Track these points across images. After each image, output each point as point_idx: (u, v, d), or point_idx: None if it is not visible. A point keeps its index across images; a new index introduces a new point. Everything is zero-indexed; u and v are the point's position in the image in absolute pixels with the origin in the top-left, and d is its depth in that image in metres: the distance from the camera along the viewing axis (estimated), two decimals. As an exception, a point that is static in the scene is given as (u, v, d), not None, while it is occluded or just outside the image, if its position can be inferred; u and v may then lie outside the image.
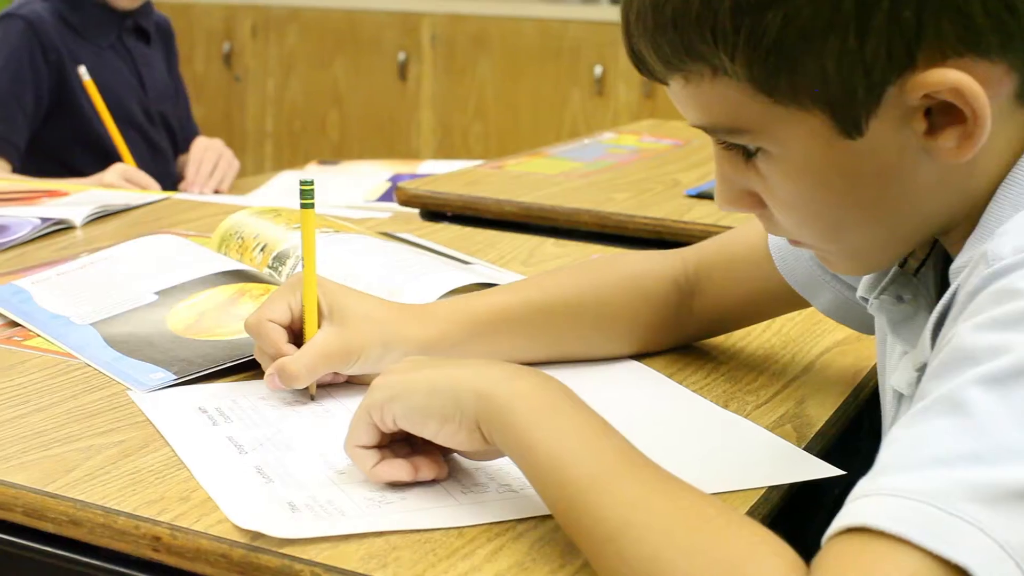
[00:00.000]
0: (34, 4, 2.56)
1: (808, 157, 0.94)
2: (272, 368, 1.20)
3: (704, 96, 0.95)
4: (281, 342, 1.21)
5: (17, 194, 2.04)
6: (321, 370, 1.20)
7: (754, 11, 0.88)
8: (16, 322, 1.41)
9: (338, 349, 1.20)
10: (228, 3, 5.64)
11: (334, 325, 1.21)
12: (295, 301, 1.22)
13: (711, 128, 0.98)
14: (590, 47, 5.05)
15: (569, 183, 2.23)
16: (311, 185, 1.22)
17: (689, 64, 0.94)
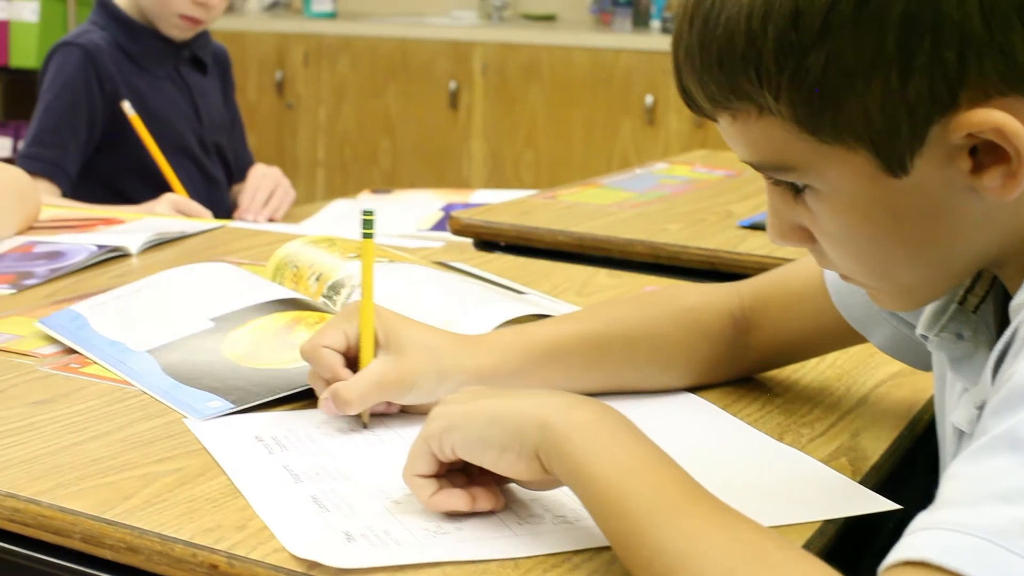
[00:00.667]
0: (92, 33, 2.59)
1: (854, 195, 0.94)
2: (327, 392, 1.20)
3: (752, 134, 0.96)
4: (337, 367, 1.21)
5: (73, 221, 2.05)
6: (375, 397, 1.21)
7: (797, 52, 0.89)
8: (73, 349, 1.42)
9: (393, 377, 1.21)
10: (281, 32, 5.68)
11: (390, 353, 1.22)
12: (351, 329, 1.23)
13: (759, 165, 0.98)
14: (641, 76, 5.05)
15: (622, 213, 2.23)
16: (372, 215, 1.22)
17: (735, 103, 0.94)
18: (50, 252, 1.84)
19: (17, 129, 5.71)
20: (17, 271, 1.75)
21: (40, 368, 1.37)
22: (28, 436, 1.19)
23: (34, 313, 1.55)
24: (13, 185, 1.98)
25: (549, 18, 5.88)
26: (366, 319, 1.22)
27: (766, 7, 0.89)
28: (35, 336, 1.48)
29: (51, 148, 2.49)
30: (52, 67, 2.55)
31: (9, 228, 1.93)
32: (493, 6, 5.88)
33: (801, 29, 0.88)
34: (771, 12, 0.89)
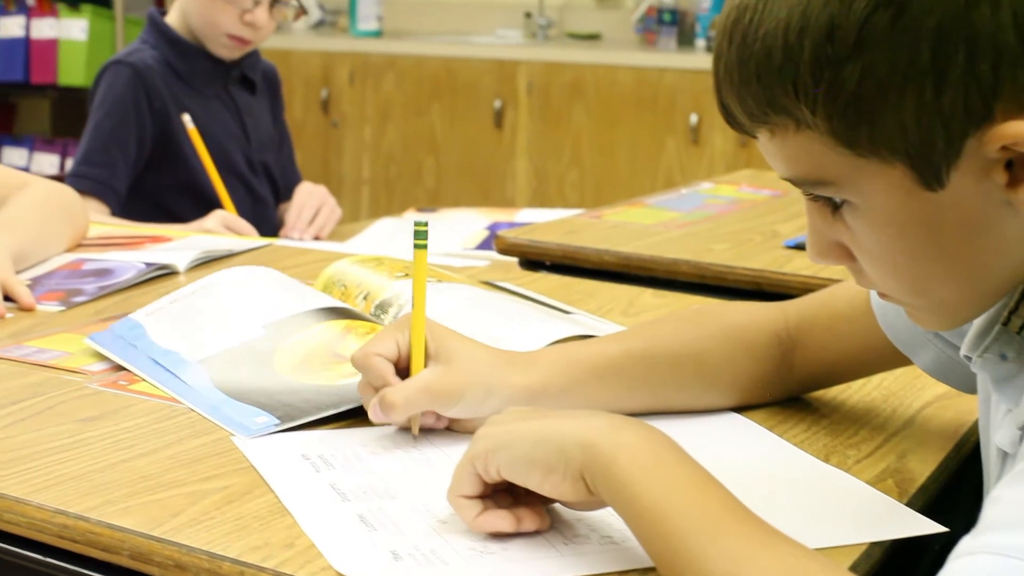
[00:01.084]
0: (142, 52, 2.60)
1: (890, 209, 0.94)
2: (375, 398, 1.21)
3: (789, 149, 0.96)
4: (388, 374, 1.22)
5: (121, 239, 2.07)
6: (422, 404, 1.21)
7: (833, 65, 0.90)
8: (122, 366, 1.43)
9: (441, 387, 1.21)
10: (326, 50, 5.71)
11: (440, 364, 1.22)
12: (403, 339, 1.24)
13: (797, 180, 0.99)
14: (686, 95, 5.05)
15: (668, 233, 2.24)
16: (425, 226, 1.24)
17: (773, 117, 0.95)
18: (99, 270, 1.85)
19: (65, 146, 5.76)
20: (66, 288, 1.77)
21: (89, 385, 1.39)
22: (77, 453, 1.20)
23: (83, 330, 1.57)
24: (62, 203, 2.00)
25: (594, 37, 5.89)
26: (417, 330, 1.23)
27: (803, 21, 0.90)
28: (84, 353, 1.49)
29: (100, 167, 2.51)
30: (102, 85, 2.57)
31: (58, 246, 1.94)
32: (538, 25, 5.89)
33: (837, 42, 0.89)
34: (808, 26, 0.90)
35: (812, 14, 0.90)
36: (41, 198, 1.95)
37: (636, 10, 5.75)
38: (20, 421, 1.27)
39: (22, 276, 1.79)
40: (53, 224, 1.94)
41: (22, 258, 1.82)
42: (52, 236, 1.94)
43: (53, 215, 1.95)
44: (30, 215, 1.90)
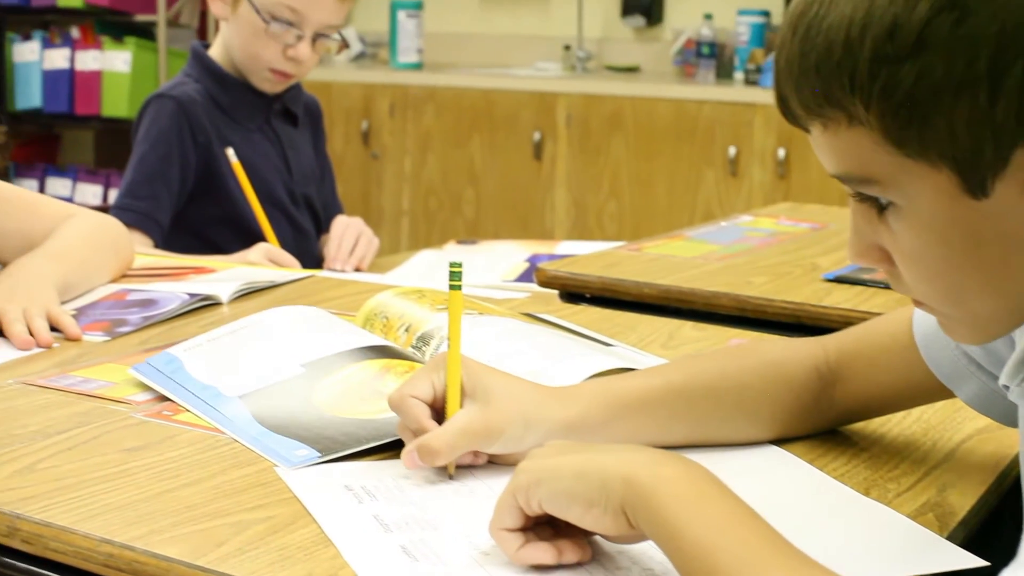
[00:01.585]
0: (186, 86, 2.62)
1: (933, 213, 0.95)
2: (412, 444, 1.21)
3: (840, 144, 0.98)
4: (424, 418, 1.23)
5: (165, 270, 2.08)
6: (463, 447, 1.22)
7: (891, 62, 0.91)
8: (166, 396, 1.44)
9: (480, 427, 1.22)
10: (367, 82, 5.73)
11: (477, 403, 1.23)
12: (438, 379, 1.24)
13: (845, 177, 1.00)
14: (724, 128, 5.06)
15: (707, 266, 2.24)
16: (460, 267, 1.24)
17: (828, 110, 0.96)
18: (143, 300, 1.87)
19: (108, 177, 5.80)
20: (111, 319, 1.78)
21: (133, 415, 1.40)
22: (122, 482, 1.21)
23: (127, 360, 1.58)
24: (107, 235, 2.01)
25: (632, 70, 5.90)
26: (453, 370, 1.23)
27: (866, 18, 0.92)
28: (128, 383, 1.50)
29: (144, 199, 2.52)
30: (146, 118, 2.59)
31: (103, 277, 1.96)
32: (577, 58, 5.91)
33: (897, 41, 0.91)
34: (871, 23, 0.92)
35: (876, 12, 0.92)
36: (87, 229, 1.97)
37: (675, 43, 5.76)
38: (66, 450, 1.29)
39: (67, 306, 1.81)
40: (98, 255, 1.96)
41: (68, 288, 1.84)
42: (97, 267, 1.95)
43: (99, 246, 1.97)
44: (76, 246, 1.92)
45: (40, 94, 5.80)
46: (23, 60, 5.84)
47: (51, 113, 5.85)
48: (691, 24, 5.69)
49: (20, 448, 1.29)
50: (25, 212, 1.99)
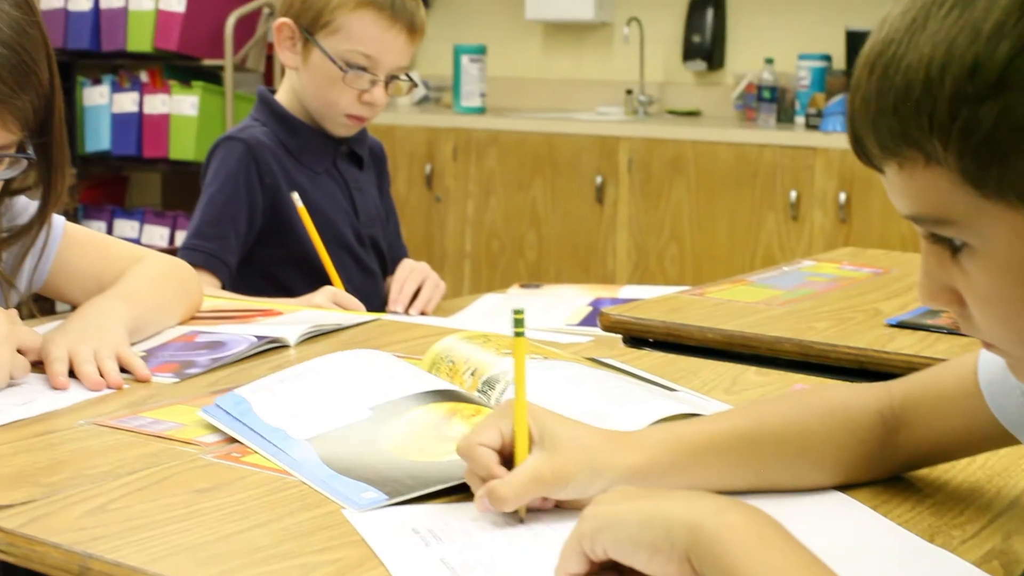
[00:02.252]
0: (254, 129, 2.65)
1: (1010, 255, 0.95)
2: (483, 490, 1.22)
3: (916, 184, 0.98)
4: (493, 465, 1.23)
5: (233, 312, 2.11)
6: (531, 493, 1.22)
7: (971, 102, 0.91)
8: (235, 438, 1.46)
9: (549, 474, 1.22)
10: (430, 126, 5.77)
11: (544, 450, 1.23)
12: (506, 426, 1.25)
13: (919, 218, 1.00)
14: (785, 172, 5.06)
15: (770, 311, 2.24)
16: (523, 314, 1.25)
17: (904, 150, 0.96)
18: (212, 342, 1.88)
19: (175, 219, 5.85)
20: (180, 360, 1.80)
21: (203, 456, 1.41)
22: (192, 523, 1.22)
23: (196, 402, 1.60)
24: (177, 277, 2.04)
25: (694, 114, 5.91)
26: (520, 416, 1.24)
27: (946, 57, 0.92)
28: (197, 425, 1.52)
29: (212, 240, 2.55)
30: (215, 161, 2.62)
31: (172, 319, 1.98)
32: (639, 102, 5.93)
33: (977, 81, 0.91)
34: (951, 62, 0.92)
35: (956, 51, 0.92)
36: (157, 272, 1.99)
37: (736, 87, 5.77)
38: (137, 491, 1.30)
39: (137, 348, 1.83)
40: (168, 297, 1.98)
41: (137, 330, 1.86)
42: (166, 309, 1.97)
43: (167, 289, 1.99)
44: (146, 288, 1.94)
45: (109, 137, 5.87)
46: (93, 104, 5.92)
47: (119, 156, 5.92)
48: (752, 68, 5.70)
49: (91, 488, 1.30)
50: (96, 254, 2.02)
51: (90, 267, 1.99)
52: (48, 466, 1.38)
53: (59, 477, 1.34)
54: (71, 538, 1.18)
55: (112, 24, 5.83)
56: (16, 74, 1.69)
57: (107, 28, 5.85)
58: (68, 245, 1.99)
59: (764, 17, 5.82)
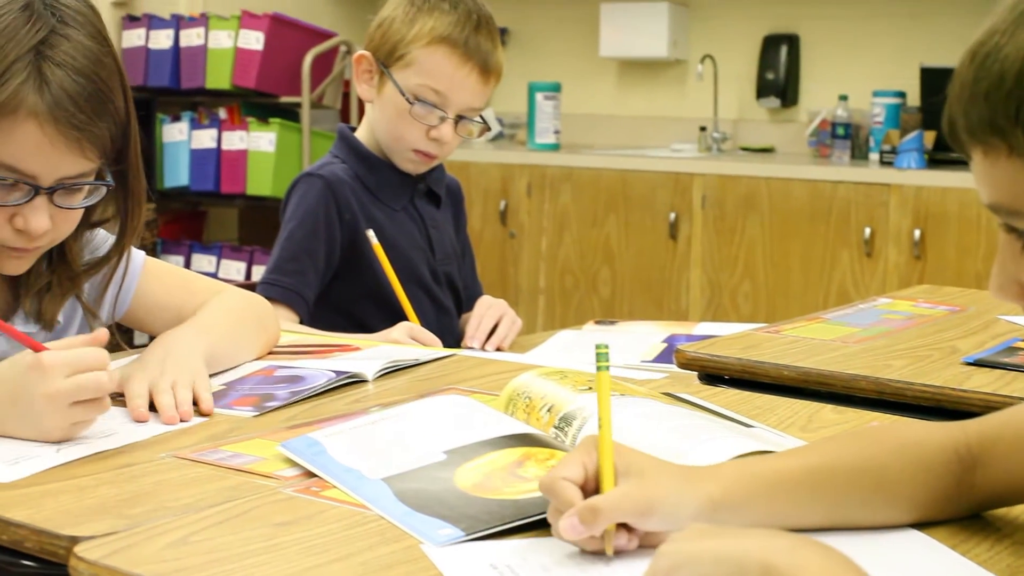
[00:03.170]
0: (333, 165, 2.68)
1: None
2: (574, 509, 1.21)
3: (997, 173, 0.99)
4: (576, 498, 1.23)
5: (312, 347, 2.13)
6: (625, 510, 1.21)
7: None
8: (313, 473, 1.48)
9: (640, 496, 1.22)
10: (505, 162, 5.80)
11: (631, 479, 1.23)
12: (590, 461, 1.25)
13: (997, 207, 1.01)
14: (859, 208, 5.04)
15: (846, 348, 2.24)
16: (606, 349, 1.26)
17: (990, 137, 0.98)
18: (290, 376, 1.90)
19: (252, 254, 5.89)
20: (259, 393, 1.82)
21: (282, 490, 1.43)
22: (272, 556, 1.24)
23: (275, 436, 1.61)
24: (254, 311, 2.06)
25: (768, 150, 5.91)
26: (605, 450, 1.24)
27: None
28: (276, 459, 1.53)
29: (291, 275, 2.57)
30: (295, 197, 2.65)
31: (248, 352, 2.00)
32: (712, 139, 5.94)
33: None
34: None
35: None
36: (234, 305, 2.02)
37: (810, 124, 5.76)
38: (217, 524, 1.32)
39: (217, 380, 1.86)
40: (245, 331, 2.01)
41: (214, 361, 1.88)
42: (244, 342, 2.00)
43: (245, 322, 2.01)
44: (223, 320, 1.96)
45: (188, 173, 5.93)
46: (172, 140, 5.98)
47: (198, 191, 5.98)
48: (826, 105, 5.70)
49: (173, 521, 1.32)
50: (176, 287, 2.05)
51: (170, 299, 2.01)
52: (130, 498, 1.40)
53: (141, 509, 1.36)
54: (153, 570, 1.20)
55: (192, 62, 5.90)
56: (93, 102, 1.73)
57: (187, 66, 5.92)
58: (149, 278, 2.02)
59: (838, 54, 5.81)
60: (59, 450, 1.55)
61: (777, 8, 5.94)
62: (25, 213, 1.75)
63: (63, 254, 1.91)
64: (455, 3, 2.63)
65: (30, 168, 1.73)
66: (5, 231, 1.77)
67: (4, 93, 1.69)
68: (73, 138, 1.72)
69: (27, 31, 1.71)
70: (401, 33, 2.61)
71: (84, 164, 1.76)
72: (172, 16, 6.00)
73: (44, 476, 1.46)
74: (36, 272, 1.89)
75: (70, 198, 1.80)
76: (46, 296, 1.90)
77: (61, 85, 1.70)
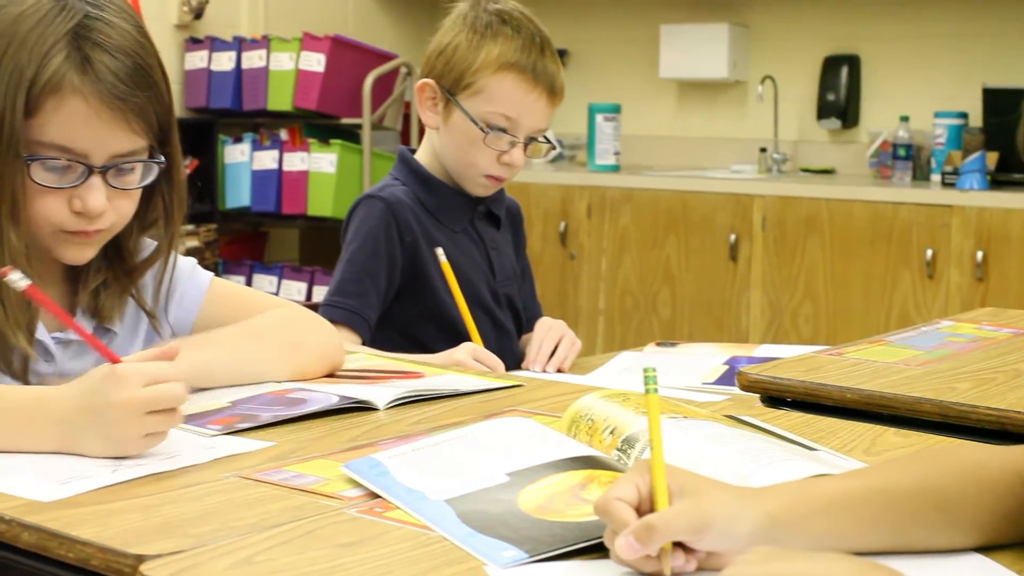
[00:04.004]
0: (394, 187, 2.69)
1: None
2: (630, 528, 1.21)
3: None
4: (631, 518, 1.23)
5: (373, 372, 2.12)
6: (681, 528, 1.21)
7: None
8: (377, 493, 1.48)
9: (696, 513, 1.21)
10: (565, 184, 5.81)
11: (686, 498, 1.23)
12: (643, 482, 1.24)
13: None
14: (921, 230, 5.02)
15: (909, 371, 2.23)
16: (654, 371, 1.26)
17: None
18: (295, 399, 1.88)
19: (312, 274, 5.92)
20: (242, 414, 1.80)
21: (346, 511, 1.43)
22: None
23: (338, 457, 1.62)
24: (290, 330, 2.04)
25: (828, 172, 5.89)
26: (658, 470, 1.24)
27: None
28: (340, 479, 1.54)
29: (352, 297, 2.58)
30: (356, 218, 2.66)
31: (273, 370, 1.99)
32: (773, 160, 5.92)
33: None
34: None
35: None
36: (267, 323, 2.01)
37: (871, 145, 5.74)
38: (282, 544, 1.33)
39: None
40: (264, 348, 1.99)
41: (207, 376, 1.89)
42: (260, 360, 1.98)
43: (268, 340, 2.00)
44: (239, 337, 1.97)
45: (249, 193, 5.97)
46: (233, 161, 6.02)
47: (259, 212, 6.01)
48: (887, 126, 5.67)
49: (238, 541, 1.33)
50: (238, 305, 2.05)
51: (231, 318, 2.02)
52: (195, 517, 1.41)
53: (206, 528, 1.37)
54: (219, 589, 1.21)
55: (253, 84, 5.95)
56: (135, 77, 1.78)
57: (248, 88, 5.96)
58: (213, 297, 2.04)
59: (900, 75, 5.79)
60: (115, 470, 1.56)
61: (838, 29, 5.93)
62: (82, 194, 1.79)
63: (119, 251, 1.94)
64: (517, 27, 2.64)
65: (81, 146, 1.77)
66: (64, 214, 1.80)
67: (47, 73, 1.74)
68: (118, 110, 1.77)
69: (62, 17, 1.77)
70: (467, 61, 2.62)
71: (133, 140, 1.80)
72: (234, 38, 6.04)
73: (109, 495, 1.47)
74: (93, 268, 1.92)
75: (124, 178, 1.83)
76: (103, 292, 1.93)
77: (102, 61, 1.76)
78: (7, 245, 1.78)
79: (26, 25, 1.76)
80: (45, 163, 1.78)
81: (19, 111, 1.75)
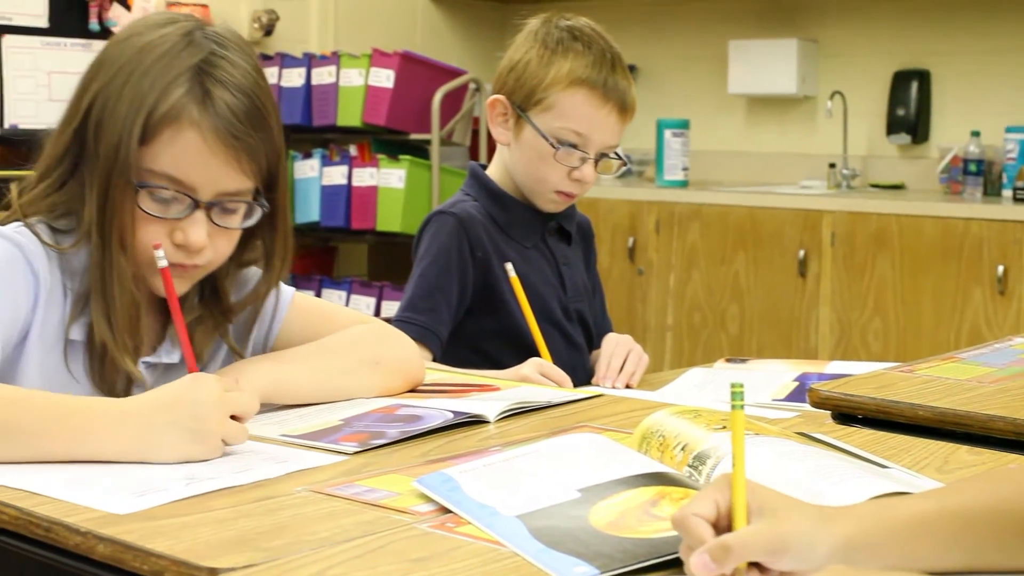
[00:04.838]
0: (465, 203, 2.70)
1: None
2: (705, 547, 1.20)
3: None
4: (708, 535, 1.22)
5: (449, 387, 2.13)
6: (756, 549, 1.20)
7: None
8: (448, 509, 1.49)
9: (773, 534, 1.21)
10: (633, 199, 5.80)
11: (764, 518, 1.22)
12: (722, 499, 1.24)
13: None
14: (992, 245, 4.97)
15: (982, 388, 2.21)
16: (742, 387, 1.25)
17: None
18: (408, 416, 1.90)
19: (381, 290, 5.94)
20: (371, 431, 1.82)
21: (417, 526, 1.44)
22: (409, 592, 1.25)
23: (409, 472, 1.63)
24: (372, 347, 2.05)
25: (898, 187, 5.86)
26: (738, 488, 1.23)
27: None
28: (411, 494, 1.54)
29: (424, 313, 2.59)
30: (427, 234, 2.67)
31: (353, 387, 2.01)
32: (842, 175, 5.89)
33: None
34: None
35: None
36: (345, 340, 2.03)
37: (941, 160, 5.71)
38: (355, 558, 1.33)
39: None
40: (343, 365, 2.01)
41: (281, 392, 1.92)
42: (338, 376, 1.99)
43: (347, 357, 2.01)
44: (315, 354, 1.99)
45: (318, 208, 6.00)
46: (303, 176, 6.06)
47: (328, 227, 6.04)
48: (958, 141, 5.64)
49: (311, 555, 1.34)
50: (319, 322, 2.07)
51: (314, 333, 2.03)
52: (269, 531, 1.42)
53: (279, 542, 1.38)
54: (293, 603, 1.22)
55: (323, 100, 5.98)
56: (252, 118, 1.80)
57: (318, 104, 6.00)
58: (294, 313, 2.05)
59: (970, 90, 5.75)
60: (189, 483, 1.57)
61: (907, 44, 5.90)
62: (184, 227, 1.81)
63: (215, 290, 1.95)
64: (588, 43, 2.64)
65: (190, 179, 1.79)
66: (165, 245, 1.81)
67: (167, 103, 1.77)
68: (232, 148, 1.78)
69: (188, 52, 1.80)
70: (538, 77, 2.63)
71: (241, 180, 1.82)
72: (304, 55, 6.08)
73: (183, 508, 1.49)
74: (188, 304, 1.93)
75: (227, 218, 1.85)
76: (196, 329, 1.94)
77: (222, 97, 1.78)
78: (116, 268, 1.81)
79: (152, 55, 1.79)
80: (153, 192, 1.80)
81: (135, 137, 1.77)
